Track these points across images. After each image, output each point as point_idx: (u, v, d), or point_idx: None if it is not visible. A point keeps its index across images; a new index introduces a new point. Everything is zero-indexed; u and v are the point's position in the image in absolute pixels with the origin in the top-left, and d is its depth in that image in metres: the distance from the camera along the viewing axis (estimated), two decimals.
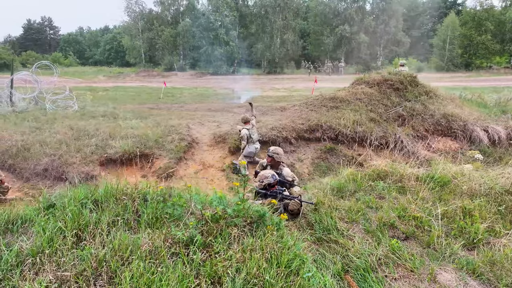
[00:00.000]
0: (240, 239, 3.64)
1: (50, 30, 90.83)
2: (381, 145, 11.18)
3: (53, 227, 3.39)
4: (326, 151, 11.06)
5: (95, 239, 3.42)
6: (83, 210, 3.72)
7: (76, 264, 3.07)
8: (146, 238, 3.45)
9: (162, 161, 10.45)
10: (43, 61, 15.53)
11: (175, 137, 11.27)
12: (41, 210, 3.89)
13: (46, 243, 3.19)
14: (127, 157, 10.21)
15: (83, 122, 11.48)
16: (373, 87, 12.69)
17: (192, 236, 3.53)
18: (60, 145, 9.81)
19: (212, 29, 43.10)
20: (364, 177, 5.56)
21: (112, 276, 3.03)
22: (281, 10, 43.67)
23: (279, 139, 11.04)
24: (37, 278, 2.87)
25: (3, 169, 8.99)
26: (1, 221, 3.52)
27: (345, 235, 4.15)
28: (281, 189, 5.01)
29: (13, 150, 9.21)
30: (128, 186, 4.42)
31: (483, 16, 43.31)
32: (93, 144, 10.31)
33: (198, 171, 10.66)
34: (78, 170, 9.44)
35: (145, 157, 10.48)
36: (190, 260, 3.25)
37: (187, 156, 10.94)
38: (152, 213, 3.90)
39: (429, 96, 12.30)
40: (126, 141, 10.45)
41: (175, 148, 10.80)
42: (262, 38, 45.28)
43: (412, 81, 12.76)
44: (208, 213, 3.71)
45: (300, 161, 10.89)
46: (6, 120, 11.16)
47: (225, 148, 11.22)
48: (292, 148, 11.19)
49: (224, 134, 11.50)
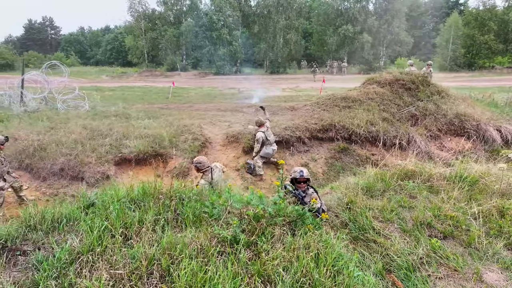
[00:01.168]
0: (282, 238, 3.66)
1: (51, 30, 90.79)
2: (394, 144, 11.19)
3: (100, 225, 3.40)
4: (339, 150, 11.07)
5: (141, 237, 3.44)
6: (126, 209, 3.73)
7: (127, 262, 3.08)
8: (190, 237, 3.45)
9: (176, 160, 10.46)
10: (53, 61, 15.52)
11: (188, 137, 11.28)
12: (82, 209, 3.90)
13: (96, 242, 3.20)
14: (141, 157, 10.23)
15: (97, 122, 11.48)
16: (385, 87, 12.71)
17: (236, 235, 3.54)
18: (75, 144, 9.82)
19: (215, 29, 43.10)
20: (392, 177, 5.57)
21: (164, 274, 3.05)
22: (284, 10, 43.66)
23: (292, 138, 11.06)
24: (93, 276, 2.88)
25: (21, 169, 9.02)
26: (47, 219, 3.52)
27: (382, 234, 4.16)
28: (301, 194, 4.91)
29: (30, 150, 9.21)
30: (164, 185, 4.42)
31: (486, 16, 43.32)
32: (108, 144, 10.32)
33: None
34: (94, 170, 9.45)
35: (159, 156, 10.49)
36: (237, 259, 3.26)
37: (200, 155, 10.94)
38: (191, 212, 3.91)
39: (441, 96, 12.31)
40: (141, 141, 10.46)
41: (189, 148, 10.81)
42: (265, 38, 45.26)
43: (423, 81, 12.78)
44: (251, 212, 3.72)
45: (314, 160, 10.90)
46: (21, 120, 11.16)
47: (238, 148, 11.23)
48: (305, 148, 11.20)
49: (237, 134, 11.50)
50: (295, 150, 11.06)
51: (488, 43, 43.13)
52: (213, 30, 43.35)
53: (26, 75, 13.64)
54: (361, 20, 44.42)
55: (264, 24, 44.64)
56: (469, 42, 44.26)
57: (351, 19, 44.34)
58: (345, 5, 45.66)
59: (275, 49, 44.89)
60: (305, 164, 10.79)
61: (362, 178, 5.72)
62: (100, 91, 22.72)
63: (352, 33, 43.75)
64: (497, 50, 44.25)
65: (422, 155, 11.01)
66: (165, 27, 44.48)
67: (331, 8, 45.48)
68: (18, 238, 3.33)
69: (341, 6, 45.54)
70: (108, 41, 75.98)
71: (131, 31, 48.11)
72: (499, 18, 43.92)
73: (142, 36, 45.98)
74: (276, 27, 43.94)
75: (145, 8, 46.63)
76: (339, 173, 10.57)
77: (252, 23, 46.24)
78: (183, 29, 43.61)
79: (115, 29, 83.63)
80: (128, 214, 3.64)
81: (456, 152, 11.05)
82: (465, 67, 44.06)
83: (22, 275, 2.98)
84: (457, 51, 44.40)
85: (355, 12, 43.99)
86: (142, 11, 46.30)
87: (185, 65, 46.73)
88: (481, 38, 43.30)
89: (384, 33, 46.35)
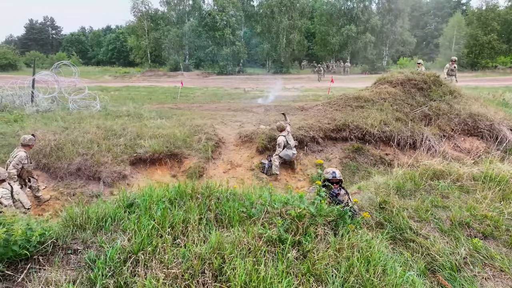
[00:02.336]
0: (325, 238, 3.65)
1: (52, 30, 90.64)
2: (408, 144, 11.19)
3: (147, 224, 3.39)
4: (353, 150, 11.06)
5: (188, 236, 3.43)
6: (170, 208, 3.72)
7: (179, 262, 3.08)
8: (236, 237, 3.45)
9: (191, 160, 10.46)
10: (63, 61, 15.51)
11: (202, 137, 11.28)
12: (123, 208, 3.89)
13: (146, 241, 3.20)
14: (156, 157, 10.22)
15: (110, 122, 11.47)
16: (397, 87, 12.71)
17: (280, 235, 3.54)
18: (91, 144, 9.80)
19: (218, 29, 43.10)
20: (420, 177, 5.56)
21: (216, 274, 3.04)
22: (287, 10, 43.64)
23: (306, 138, 11.05)
24: (148, 275, 2.88)
25: (38, 168, 9.00)
26: (93, 219, 3.52)
27: (419, 234, 4.15)
28: (335, 192, 4.94)
29: (47, 150, 9.20)
30: (199, 185, 4.41)
31: (489, 16, 43.34)
32: (122, 144, 10.32)
33: (227, 170, 10.66)
34: (110, 169, 9.45)
35: (174, 156, 10.49)
36: (285, 259, 3.25)
37: (214, 155, 10.95)
38: (230, 211, 3.91)
39: (453, 95, 12.30)
40: (155, 141, 10.45)
41: (203, 148, 10.81)
42: (268, 38, 45.24)
43: (435, 81, 12.77)
44: (294, 211, 3.72)
45: (328, 160, 10.89)
46: (37, 120, 11.15)
47: (252, 147, 11.22)
48: (319, 147, 11.20)
49: (250, 134, 11.50)
50: (309, 150, 11.05)
51: (491, 43, 43.16)
52: (216, 30, 43.36)
53: (37, 75, 13.60)
54: (364, 20, 44.43)
55: (267, 24, 44.61)
56: (472, 42, 44.26)
57: (354, 19, 44.34)
58: (348, 5, 45.63)
59: (278, 49, 44.87)
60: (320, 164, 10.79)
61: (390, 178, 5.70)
62: (105, 91, 22.71)
63: (355, 33, 43.74)
64: (500, 50, 44.26)
65: (436, 154, 11.03)
66: (168, 27, 44.45)
67: (334, 8, 45.45)
68: (68, 237, 3.33)
69: (344, 6, 45.51)
70: (109, 41, 75.90)
71: (134, 31, 48.01)
72: (502, 18, 43.93)
73: (145, 36, 45.93)
74: (279, 27, 43.91)
75: (148, 8, 46.60)
76: (354, 173, 10.58)
77: (255, 23, 46.18)
78: (186, 29, 43.59)
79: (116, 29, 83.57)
80: (173, 213, 3.63)
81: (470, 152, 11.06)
82: (468, 67, 44.06)
83: (77, 273, 2.99)
84: (460, 51, 44.39)
85: (358, 12, 43.97)
86: (145, 11, 46.26)
87: (188, 65, 46.71)
88: (484, 38, 43.31)
89: (387, 33, 46.33)
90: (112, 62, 72.79)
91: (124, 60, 71.76)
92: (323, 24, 47.64)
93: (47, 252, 3.18)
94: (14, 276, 2.93)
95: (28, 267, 3.03)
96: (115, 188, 9.35)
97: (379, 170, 10.66)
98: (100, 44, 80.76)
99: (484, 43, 43.46)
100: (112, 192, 9.23)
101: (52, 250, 3.20)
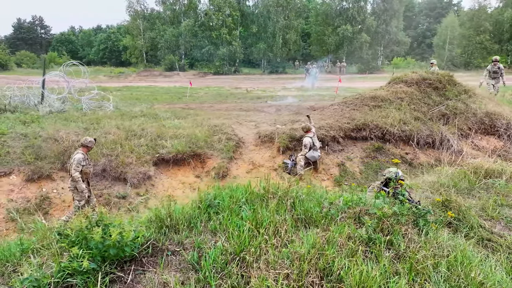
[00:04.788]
0: (411, 237, 3.64)
1: (41, 29, 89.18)
2: (427, 143, 11.28)
3: (241, 225, 3.35)
4: (374, 150, 11.11)
5: (280, 236, 3.39)
6: (260, 209, 3.67)
7: (283, 262, 3.04)
8: (329, 237, 3.41)
9: (214, 160, 10.38)
10: (72, 61, 15.26)
11: (222, 137, 11.20)
12: (202, 209, 3.83)
13: (247, 242, 3.15)
14: (180, 157, 10.12)
15: (128, 122, 11.31)
16: (412, 86, 12.80)
17: (370, 235, 3.53)
18: (114, 145, 9.66)
19: (214, 28, 42.93)
20: (474, 175, 5.60)
21: (320, 274, 3.01)
22: (283, 10, 43.67)
23: (327, 138, 11.06)
24: (257, 275, 2.84)
25: (63, 170, 8.83)
26: (182, 220, 3.46)
27: (493, 232, 4.17)
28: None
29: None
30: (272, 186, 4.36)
31: (482, 17, 44.03)
32: (144, 144, 10.20)
33: (250, 170, 10.61)
34: (135, 170, 9.33)
35: (196, 157, 10.40)
36: (384, 258, 3.24)
37: (235, 155, 10.89)
38: (312, 211, 3.88)
39: (468, 95, 12.44)
40: (176, 141, 10.34)
41: (225, 148, 10.74)
42: (263, 38, 45.22)
43: (450, 80, 12.90)
44: (380, 211, 3.70)
45: (350, 160, 10.92)
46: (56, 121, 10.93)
47: (272, 147, 11.19)
48: (340, 147, 11.21)
49: (270, 133, 11.46)
50: (329, 149, 11.06)
51: (483, 43, 43.84)
52: (213, 29, 43.18)
53: (47, 75, 13.36)
54: (359, 20, 44.74)
55: (264, 24, 44.59)
56: (465, 42, 44.92)
57: (350, 19, 44.61)
58: (343, 5, 45.89)
59: (274, 49, 44.89)
60: (342, 164, 10.81)
61: (440, 177, 5.72)
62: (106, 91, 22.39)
63: (351, 33, 44.00)
64: (492, 50, 44.98)
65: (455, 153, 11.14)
66: (165, 27, 44.08)
67: (330, 8, 45.66)
68: (163, 239, 3.26)
69: (340, 6, 45.76)
70: (101, 41, 74.95)
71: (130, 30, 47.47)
72: (494, 18, 44.67)
73: (140, 36, 45.47)
74: (276, 27, 43.94)
75: (144, 8, 46.19)
76: (377, 172, 10.62)
77: (250, 23, 46.08)
78: (182, 28, 43.29)
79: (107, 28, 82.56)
80: (260, 214, 3.58)
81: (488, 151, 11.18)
82: (462, 66, 44.69)
83: (182, 274, 2.93)
84: (453, 51, 45.04)
85: (354, 12, 44.25)
86: (141, 10, 45.82)
87: (183, 64, 46.42)
88: (476, 38, 43.98)
89: (382, 33, 46.72)
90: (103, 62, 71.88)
91: (116, 60, 70.94)
92: (319, 24, 47.82)
93: (147, 254, 3.12)
94: (123, 277, 2.87)
95: (132, 268, 2.97)
96: (140, 189, 9.25)
97: (401, 169, 10.73)
98: (91, 44, 79.71)
99: (477, 44, 44.11)
100: (138, 193, 9.13)
101: (152, 252, 3.15)
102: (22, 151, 8.80)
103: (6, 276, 2.94)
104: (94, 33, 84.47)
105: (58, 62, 61.40)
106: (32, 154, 8.71)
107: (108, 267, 2.88)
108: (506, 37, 44.97)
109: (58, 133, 9.45)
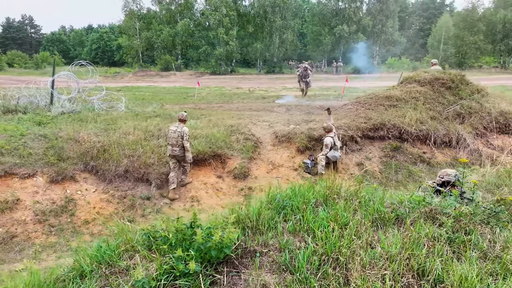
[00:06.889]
0: (490, 237, 3.63)
1: (31, 29, 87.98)
2: (444, 143, 11.36)
3: (326, 225, 3.30)
4: (392, 149, 11.14)
5: (362, 237, 3.35)
6: (342, 210, 3.62)
7: (373, 262, 3.01)
8: (412, 236, 3.38)
9: (234, 161, 10.30)
10: (81, 61, 15.03)
11: (239, 137, 11.13)
12: (274, 210, 3.77)
13: (337, 242, 3.11)
14: (200, 158, 10.02)
15: (144, 123, 11.16)
16: (425, 86, 12.88)
17: (449, 235, 3.51)
18: (135, 146, 9.52)
19: (211, 28, 42.77)
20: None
21: (414, 274, 2.98)
22: (280, 10, 43.68)
23: (345, 137, 11.05)
24: (353, 276, 2.80)
25: (86, 171, 8.69)
26: (263, 221, 3.41)
27: None
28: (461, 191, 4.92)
29: (93, 152, 8.88)
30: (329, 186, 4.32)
31: (475, 17, 44.62)
32: (163, 145, 10.06)
33: (270, 170, 10.56)
34: (158, 171, 9.22)
35: (217, 157, 10.31)
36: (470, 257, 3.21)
37: (254, 155, 10.83)
38: (379, 211, 3.85)
39: (481, 94, 12.56)
40: (197, 141, 10.24)
41: (244, 148, 10.67)
42: (260, 38, 45.18)
43: (462, 80, 13.01)
44: (456, 211, 3.69)
45: (368, 159, 10.94)
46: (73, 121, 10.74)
47: (291, 147, 11.15)
48: (358, 146, 11.23)
49: (287, 133, 11.43)
50: (348, 149, 11.06)
51: (477, 43, 44.44)
52: (209, 29, 43.01)
53: (57, 75, 13.14)
54: (356, 20, 44.99)
55: (260, 24, 44.56)
56: (459, 43, 45.46)
57: (346, 19, 44.83)
58: (339, 5, 46.11)
59: (271, 49, 44.87)
60: (361, 163, 10.83)
61: (483, 175, 5.74)
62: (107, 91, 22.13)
63: (347, 33, 44.23)
64: (486, 50, 45.66)
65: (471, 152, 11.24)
66: (161, 27, 43.76)
67: (326, 9, 45.84)
68: (250, 240, 3.20)
69: (336, 6, 45.97)
70: (93, 41, 74.16)
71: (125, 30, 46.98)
72: (487, 19, 45.30)
73: (136, 35, 45.04)
74: (273, 27, 43.94)
75: (140, 7, 45.79)
76: (396, 171, 10.66)
77: (246, 23, 45.99)
78: (179, 28, 43.02)
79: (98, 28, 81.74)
80: (341, 215, 3.54)
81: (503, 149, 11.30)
82: (456, 66, 45.21)
83: (277, 276, 2.88)
84: (448, 51, 45.56)
85: (350, 12, 44.49)
86: (137, 10, 45.41)
87: (180, 64, 46.15)
88: (470, 38, 44.53)
89: (378, 33, 47.04)
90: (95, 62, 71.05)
91: (108, 60, 70.38)
92: (315, 24, 47.99)
93: (237, 255, 3.06)
94: (219, 279, 2.81)
95: (225, 270, 2.91)
96: (164, 190, 9.13)
97: (419, 168, 10.80)
98: (83, 44, 78.84)
99: (471, 44, 44.68)
100: (162, 194, 9.02)
101: (241, 253, 3.09)
102: (44, 152, 8.62)
103: (103, 277, 2.85)
104: (86, 32, 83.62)
105: (51, 62, 60.65)
106: (55, 155, 8.54)
107: (205, 269, 2.82)
108: (499, 37, 45.66)
109: (79, 134, 9.28)
